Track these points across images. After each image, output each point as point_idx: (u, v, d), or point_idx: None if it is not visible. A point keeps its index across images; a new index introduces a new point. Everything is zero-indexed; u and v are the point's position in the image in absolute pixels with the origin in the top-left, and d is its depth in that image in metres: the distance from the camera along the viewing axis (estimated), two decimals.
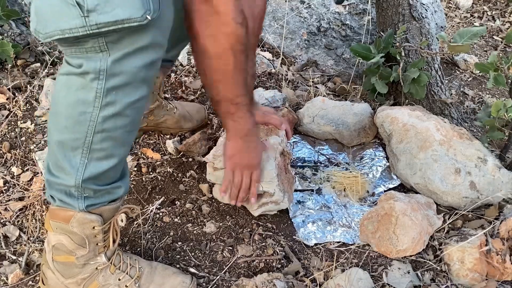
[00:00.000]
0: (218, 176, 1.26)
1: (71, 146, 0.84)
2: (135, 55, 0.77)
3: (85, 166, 0.86)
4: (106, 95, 0.79)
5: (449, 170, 1.32)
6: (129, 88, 0.79)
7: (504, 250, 1.15)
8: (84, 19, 0.72)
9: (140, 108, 0.84)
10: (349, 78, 1.90)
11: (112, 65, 0.76)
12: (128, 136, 0.87)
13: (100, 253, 0.98)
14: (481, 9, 2.76)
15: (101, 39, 0.75)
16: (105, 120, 0.81)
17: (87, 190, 0.89)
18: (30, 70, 1.75)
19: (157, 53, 0.79)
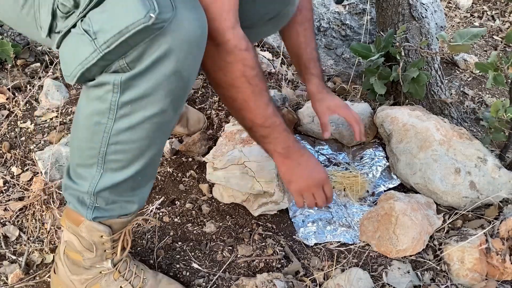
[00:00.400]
0: (218, 176, 1.26)
1: (88, 154, 0.84)
2: (152, 67, 0.73)
3: (100, 176, 0.85)
4: (120, 108, 0.77)
5: (449, 170, 1.32)
6: (145, 101, 0.76)
7: (504, 250, 1.15)
8: (93, 43, 0.71)
9: (160, 124, 0.80)
10: (349, 78, 1.90)
11: (126, 79, 0.74)
12: (146, 151, 0.83)
13: (107, 258, 0.98)
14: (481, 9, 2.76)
15: (122, 61, 0.73)
16: (119, 132, 0.79)
17: (100, 200, 0.88)
18: (30, 70, 1.75)
19: (178, 63, 0.73)
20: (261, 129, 0.99)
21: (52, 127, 1.49)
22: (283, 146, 1.03)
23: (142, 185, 0.90)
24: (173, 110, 0.80)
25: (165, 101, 0.77)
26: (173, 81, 0.75)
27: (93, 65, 0.73)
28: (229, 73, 0.89)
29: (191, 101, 1.71)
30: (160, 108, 0.77)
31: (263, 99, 0.95)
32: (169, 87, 0.75)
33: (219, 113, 1.64)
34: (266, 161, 1.25)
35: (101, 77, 0.75)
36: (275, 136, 1.01)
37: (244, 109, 0.95)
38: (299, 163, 1.06)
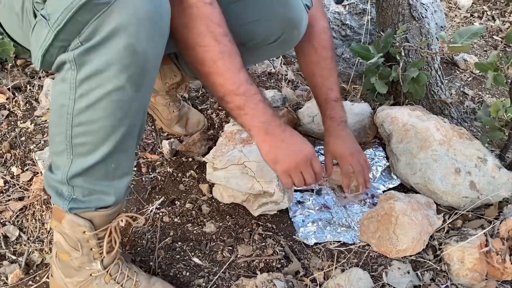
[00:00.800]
0: (218, 176, 1.26)
1: (58, 140, 0.84)
2: (104, 42, 0.73)
3: (71, 162, 0.84)
4: (79, 86, 0.77)
5: (449, 170, 1.32)
6: (100, 78, 0.75)
7: (504, 250, 1.15)
8: (47, 24, 0.75)
9: (119, 102, 0.78)
10: (349, 78, 1.90)
11: (79, 54, 0.75)
12: (111, 133, 0.81)
13: (95, 259, 0.96)
14: (481, 9, 2.76)
15: (76, 41, 0.74)
16: (80, 112, 0.79)
17: (77, 190, 0.87)
18: (30, 70, 1.75)
19: (129, 38, 0.73)
20: (234, 98, 0.91)
21: None
22: (261, 119, 0.95)
23: (117, 175, 0.88)
24: (132, 88, 0.78)
25: (121, 77, 0.76)
26: (126, 57, 0.74)
27: (51, 45, 0.76)
28: (194, 28, 0.85)
29: (191, 101, 1.71)
30: (116, 85, 0.76)
31: (233, 62, 0.89)
32: (123, 63, 0.75)
33: (219, 113, 1.64)
34: None
35: (59, 57, 0.77)
36: (251, 107, 0.93)
37: (213, 73, 0.89)
38: (282, 140, 0.98)
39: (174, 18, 0.83)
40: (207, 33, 0.85)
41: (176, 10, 0.83)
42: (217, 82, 0.90)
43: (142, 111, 0.86)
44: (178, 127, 1.52)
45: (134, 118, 0.83)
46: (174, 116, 1.51)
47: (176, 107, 1.51)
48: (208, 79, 0.91)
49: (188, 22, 0.85)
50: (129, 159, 0.89)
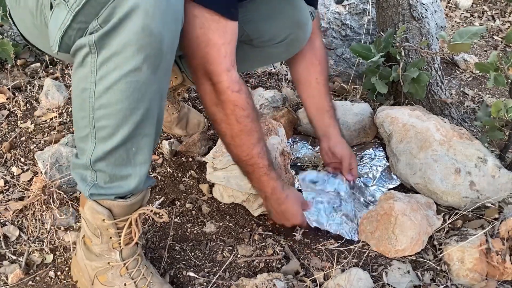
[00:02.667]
0: (218, 176, 1.26)
1: (82, 125, 0.85)
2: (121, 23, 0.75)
3: (94, 146, 0.86)
4: (99, 69, 0.78)
5: (449, 170, 1.32)
6: (118, 59, 0.77)
7: (504, 250, 1.15)
8: (66, 5, 0.76)
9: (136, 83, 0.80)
10: (349, 78, 1.90)
11: (99, 38, 0.76)
12: (129, 115, 0.82)
13: (114, 248, 0.98)
14: (481, 9, 2.76)
15: (95, 23, 0.76)
16: (100, 95, 0.80)
17: (99, 175, 0.89)
18: (30, 70, 1.75)
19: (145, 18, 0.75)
20: (246, 166, 1.10)
21: (52, 127, 1.49)
22: (264, 188, 1.14)
23: (138, 161, 0.89)
24: (149, 69, 0.79)
25: (138, 58, 0.77)
26: (143, 37, 0.76)
27: (69, 27, 0.77)
28: (222, 109, 1.01)
29: (191, 102, 1.71)
30: (134, 66, 0.78)
31: (250, 139, 1.06)
32: (140, 43, 0.76)
33: None
34: None
35: (78, 41, 0.78)
36: (256, 177, 1.12)
37: (232, 144, 1.07)
38: (279, 204, 1.17)
39: (206, 94, 1.01)
40: (231, 115, 1.01)
41: (208, 91, 1.00)
42: (234, 152, 1.09)
43: (160, 96, 0.87)
44: (179, 129, 1.52)
45: (151, 102, 0.84)
46: (173, 118, 1.51)
47: (175, 109, 1.50)
48: (227, 146, 1.09)
49: (219, 103, 1.01)
50: (149, 146, 0.90)
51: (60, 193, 1.23)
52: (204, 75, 0.98)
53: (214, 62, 0.96)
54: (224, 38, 0.95)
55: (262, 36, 1.25)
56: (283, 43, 1.26)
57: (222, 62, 0.96)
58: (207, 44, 0.94)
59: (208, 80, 0.98)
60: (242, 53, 1.30)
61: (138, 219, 0.98)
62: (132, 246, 1.00)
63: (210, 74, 0.97)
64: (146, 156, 0.90)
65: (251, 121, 1.04)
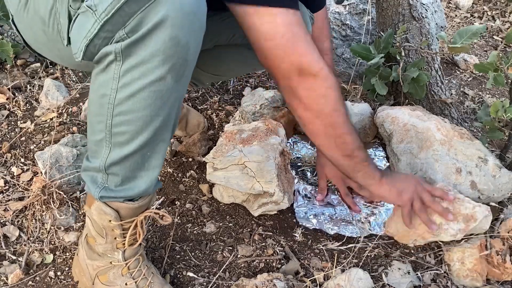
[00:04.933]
0: (218, 176, 1.26)
1: (97, 129, 0.86)
2: (150, 34, 0.75)
3: (109, 150, 0.86)
4: (122, 76, 0.79)
5: (450, 170, 1.32)
6: (144, 68, 0.78)
7: (504, 250, 1.15)
8: (94, 14, 0.76)
9: (160, 92, 0.80)
10: (349, 78, 1.90)
11: (126, 46, 0.76)
12: (149, 122, 0.83)
13: (118, 248, 0.99)
14: (481, 9, 2.76)
15: (122, 32, 0.76)
16: (121, 102, 0.81)
17: (111, 178, 0.89)
18: (30, 70, 1.75)
19: (174, 29, 0.75)
20: (360, 153, 1.05)
21: (52, 127, 1.49)
22: (376, 166, 1.12)
23: (151, 165, 0.90)
24: (173, 79, 0.80)
25: (163, 68, 0.77)
26: (170, 47, 0.76)
27: (96, 36, 0.77)
28: (330, 97, 0.97)
29: (191, 102, 1.71)
30: (159, 75, 0.78)
31: (350, 123, 1.04)
32: (167, 53, 0.76)
33: (219, 113, 1.64)
34: (266, 161, 1.25)
35: (103, 49, 0.78)
36: (371, 160, 1.09)
37: (347, 132, 1.02)
38: (394, 177, 1.16)
39: (309, 91, 0.95)
40: (339, 99, 0.98)
41: (309, 82, 0.94)
42: (348, 140, 1.03)
43: (179, 103, 0.87)
44: (178, 130, 1.52)
45: (171, 109, 0.85)
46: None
47: None
48: (340, 138, 1.03)
49: (325, 92, 0.96)
50: (163, 150, 0.90)
51: (60, 193, 1.23)
52: (300, 72, 0.92)
53: (308, 53, 0.92)
54: (304, 28, 0.92)
55: None
56: None
57: (314, 51, 0.93)
58: (296, 38, 0.90)
59: (306, 74, 0.93)
60: (244, 57, 1.30)
61: (143, 221, 0.98)
62: (135, 247, 1.00)
63: (309, 66, 0.93)
64: (159, 160, 0.90)
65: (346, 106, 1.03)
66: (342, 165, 1.09)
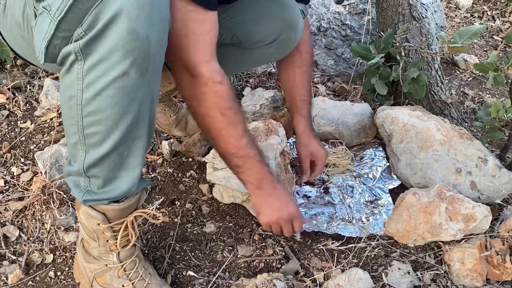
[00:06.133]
0: (218, 176, 1.26)
1: (71, 132, 0.85)
2: (106, 29, 0.74)
3: (85, 153, 0.85)
4: (85, 76, 0.77)
5: (450, 170, 1.32)
6: (105, 65, 0.75)
7: (504, 250, 1.15)
8: (49, 14, 0.75)
9: (124, 88, 0.79)
10: (349, 78, 1.90)
11: (84, 44, 0.75)
12: (119, 120, 0.81)
13: (112, 251, 0.98)
14: (481, 9, 2.76)
15: (79, 30, 0.74)
16: (88, 102, 0.79)
17: (93, 181, 0.88)
18: (30, 70, 1.75)
19: (131, 22, 0.73)
20: (234, 159, 1.03)
21: (52, 127, 1.49)
22: (255, 177, 1.06)
23: (130, 165, 0.88)
24: (137, 73, 0.78)
25: (124, 62, 0.76)
26: (129, 41, 0.74)
27: (54, 36, 0.76)
28: (204, 102, 0.97)
29: None
30: (121, 71, 0.76)
31: (236, 131, 1.00)
32: (126, 48, 0.75)
33: None
34: (266, 161, 1.25)
35: (64, 49, 0.77)
36: (248, 167, 1.04)
37: (218, 139, 1.01)
38: (270, 195, 1.09)
39: (185, 88, 0.97)
40: (214, 108, 0.97)
41: (188, 84, 0.96)
42: (221, 146, 1.03)
43: (150, 99, 0.85)
44: (178, 131, 1.52)
45: (142, 105, 0.83)
46: (172, 121, 1.51)
47: (173, 111, 1.50)
48: (213, 141, 1.04)
49: (199, 96, 0.96)
50: (141, 149, 0.89)
51: (60, 193, 1.23)
52: (183, 67, 0.94)
53: (193, 53, 0.92)
54: (202, 29, 0.92)
55: (252, 38, 1.22)
56: (274, 44, 1.24)
57: (201, 53, 0.93)
58: (186, 35, 0.91)
59: (187, 73, 0.94)
60: (232, 55, 1.30)
61: (134, 222, 0.98)
62: (130, 248, 1.00)
63: (190, 65, 0.93)
64: (138, 159, 0.89)
65: (234, 113, 0.99)
66: (234, 164, 1.07)
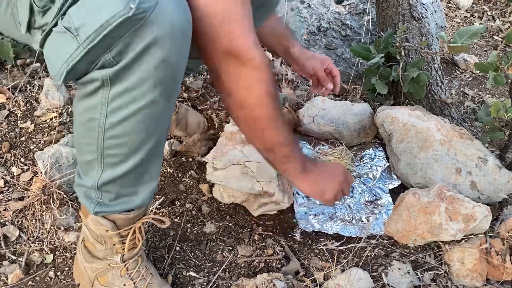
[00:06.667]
0: (218, 176, 1.26)
1: (87, 150, 0.84)
2: (139, 58, 0.72)
3: (102, 170, 0.85)
4: (111, 101, 0.76)
5: (450, 170, 1.32)
6: (135, 93, 0.75)
7: (504, 250, 1.15)
8: (76, 39, 0.71)
9: (153, 114, 0.78)
10: (349, 78, 1.90)
11: (114, 73, 0.73)
12: (143, 143, 0.82)
13: (118, 253, 0.99)
14: (481, 9, 2.75)
15: (108, 55, 0.72)
16: (113, 126, 0.79)
17: (104, 195, 0.88)
18: (30, 70, 1.75)
19: (164, 51, 0.72)
20: (283, 149, 0.97)
21: (52, 127, 1.49)
22: (301, 162, 1.01)
23: (145, 180, 0.89)
24: (165, 100, 0.78)
25: (155, 91, 0.75)
26: (161, 70, 0.74)
27: (78, 62, 0.72)
28: (256, 90, 0.88)
29: (191, 102, 1.71)
30: (151, 99, 0.76)
31: (281, 116, 0.95)
32: (158, 77, 0.74)
33: (219, 113, 1.64)
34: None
35: (89, 75, 0.75)
36: (294, 155, 0.99)
37: (269, 128, 0.93)
38: (319, 172, 1.05)
39: (232, 78, 0.85)
40: (267, 94, 0.88)
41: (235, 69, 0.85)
42: (270, 137, 0.94)
43: (170, 118, 0.87)
44: (178, 131, 1.52)
45: (164, 127, 0.84)
46: (172, 121, 1.51)
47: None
48: (261, 133, 0.94)
49: (251, 84, 0.87)
50: (157, 164, 0.89)
51: (60, 193, 1.23)
52: (230, 56, 0.84)
53: (241, 37, 0.83)
54: (243, 9, 0.83)
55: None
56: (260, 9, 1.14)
57: (250, 36, 0.84)
58: (230, 19, 0.81)
59: (235, 61, 0.84)
60: None
61: (141, 227, 0.99)
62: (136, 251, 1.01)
63: (239, 51, 0.83)
64: (154, 174, 0.89)
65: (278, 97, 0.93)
66: (264, 157, 1.01)
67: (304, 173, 1.02)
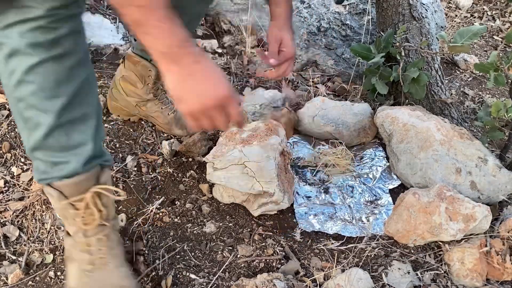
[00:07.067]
0: (218, 176, 1.26)
1: (16, 118, 0.88)
2: (16, 22, 0.75)
3: (28, 135, 0.88)
4: (6, 64, 0.80)
5: (450, 170, 1.32)
6: (21, 54, 0.78)
7: (504, 250, 1.15)
8: None
9: (46, 73, 0.80)
10: (349, 78, 1.90)
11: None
12: (48, 103, 0.83)
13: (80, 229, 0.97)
14: (481, 9, 2.75)
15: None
16: (16, 88, 0.82)
17: (40, 162, 0.91)
18: None
19: (34, 13, 0.74)
20: (131, 9, 0.73)
21: None
22: (166, 42, 0.75)
23: (72, 145, 0.89)
24: (53, 56, 0.80)
25: (40, 50, 0.78)
26: (40, 30, 0.77)
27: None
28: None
29: None
30: (38, 59, 0.79)
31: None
32: (39, 37, 0.77)
33: None
34: (266, 161, 1.25)
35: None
36: (152, 24, 0.73)
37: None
38: (190, 73, 0.79)
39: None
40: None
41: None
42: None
43: (80, 78, 0.86)
44: (178, 130, 1.52)
45: (71, 89, 0.84)
46: (170, 119, 1.50)
47: (170, 109, 1.50)
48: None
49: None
50: (83, 132, 0.89)
51: None
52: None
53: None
54: None
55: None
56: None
57: None
58: None
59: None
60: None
61: (96, 200, 0.95)
62: (97, 227, 0.98)
63: None
64: (82, 139, 0.89)
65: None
66: (131, 18, 0.75)
67: (169, 59, 0.78)
